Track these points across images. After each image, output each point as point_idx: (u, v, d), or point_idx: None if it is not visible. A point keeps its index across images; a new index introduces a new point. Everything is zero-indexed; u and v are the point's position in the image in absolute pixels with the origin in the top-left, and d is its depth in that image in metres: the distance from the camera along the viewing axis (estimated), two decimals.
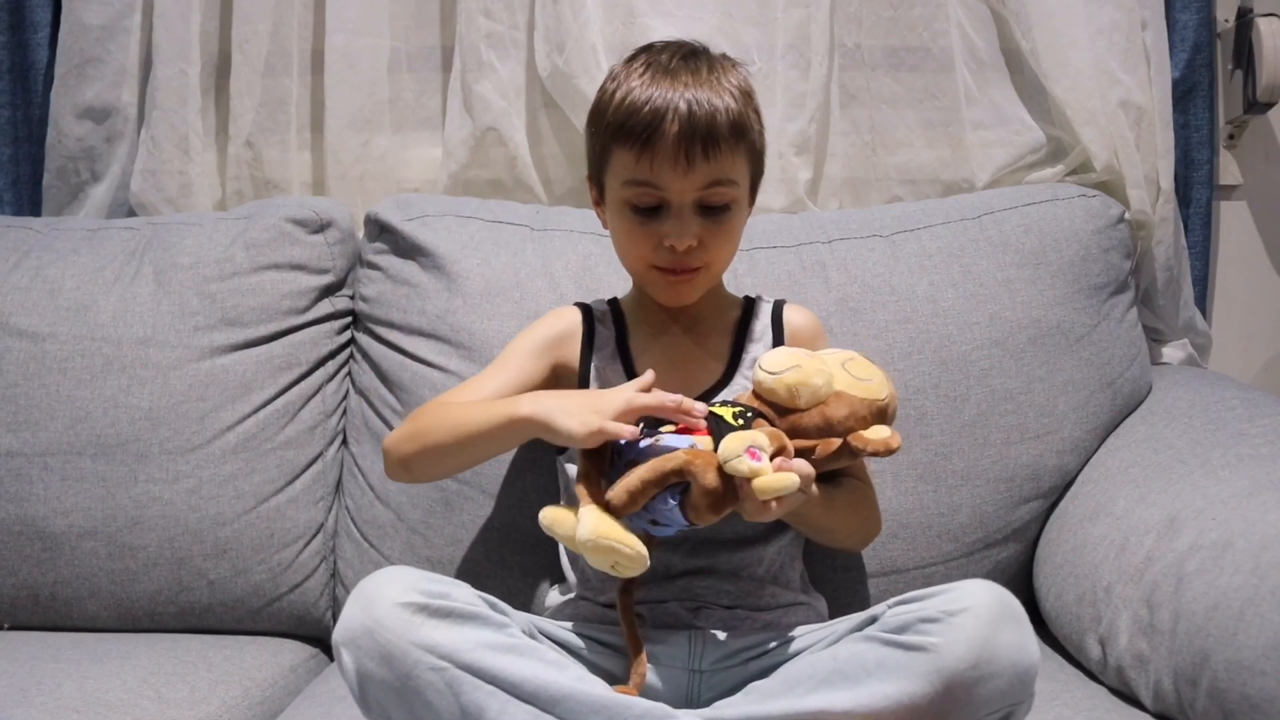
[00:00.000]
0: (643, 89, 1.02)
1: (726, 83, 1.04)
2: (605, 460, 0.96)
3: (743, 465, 0.88)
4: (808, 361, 0.97)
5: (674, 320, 1.13)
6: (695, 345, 1.12)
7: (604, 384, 1.10)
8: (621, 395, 0.96)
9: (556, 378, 1.11)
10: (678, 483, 0.91)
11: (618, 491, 0.91)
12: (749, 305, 1.16)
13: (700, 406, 0.95)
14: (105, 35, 1.52)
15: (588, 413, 0.94)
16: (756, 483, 0.88)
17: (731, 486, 0.89)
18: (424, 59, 1.56)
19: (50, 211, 1.58)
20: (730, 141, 1.01)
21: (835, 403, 0.95)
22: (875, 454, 0.94)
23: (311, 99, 1.54)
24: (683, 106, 1.00)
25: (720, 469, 0.89)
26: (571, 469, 1.09)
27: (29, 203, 1.61)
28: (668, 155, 1.00)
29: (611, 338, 1.13)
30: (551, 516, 0.94)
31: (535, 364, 1.11)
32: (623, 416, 0.94)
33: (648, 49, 1.08)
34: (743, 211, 1.08)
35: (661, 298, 1.09)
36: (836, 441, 0.94)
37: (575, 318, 1.14)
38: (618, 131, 1.03)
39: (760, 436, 0.91)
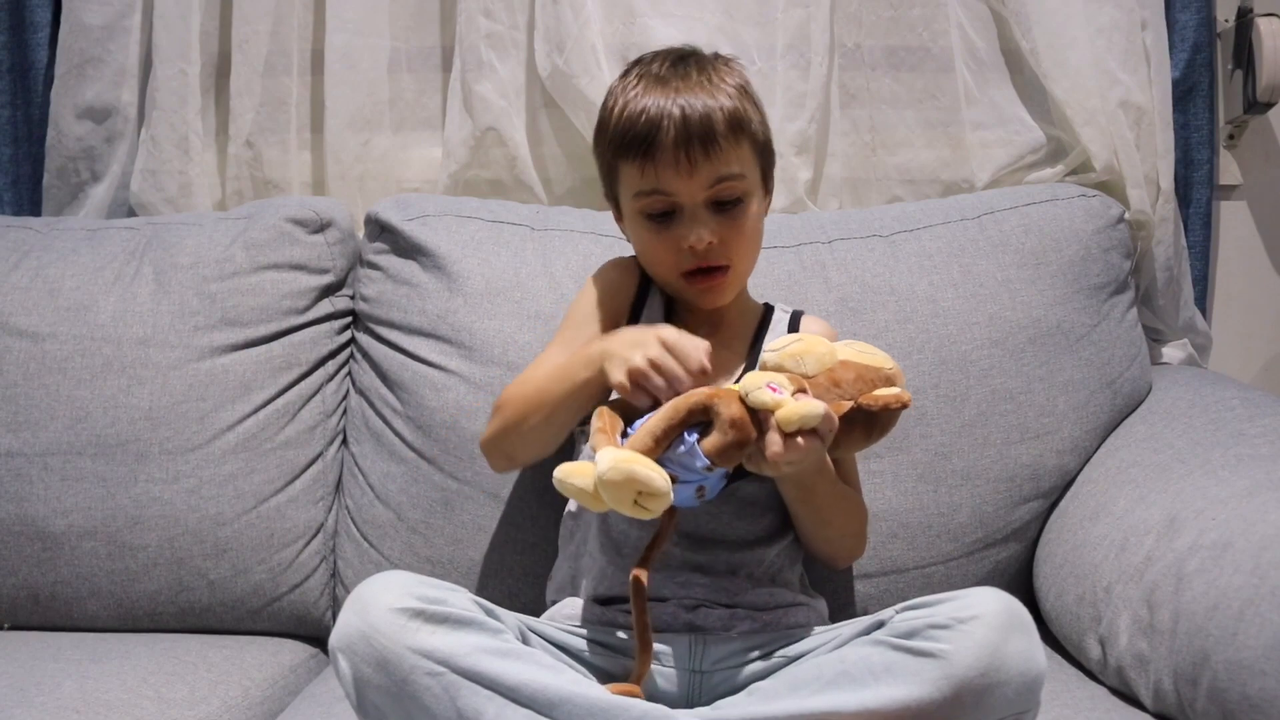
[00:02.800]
0: (636, 101, 1.04)
1: (719, 81, 1.05)
2: (619, 423, 0.94)
3: (765, 395, 0.87)
4: (808, 336, 0.97)
5: (697, 329, 1.13)
6: (719, 344, 1.12)
7: None
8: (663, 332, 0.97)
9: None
10: (699, 422, 0.90)
11: (639, 435, 0.89)
12: (767, 312, 1.18)
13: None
14: (105, 35, 1.52)
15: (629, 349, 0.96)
16: (780, 413, 0.87)
17: (755, 421, 0.89)
18: (424, 59, 1.56)
19: (50, 211, 1.58)
20: (729, 137, 1.03)
21: (841, 369, 0.95)
22: (887, 409, 0.93)
23: (311, 99, 1.54)
24: (676, 112, 1.02)
25: (743, 402, 0.89)
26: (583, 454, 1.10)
27: (29, 203, 1.61)
28: (668, 161, 1.02)
29: (661, 303, 1.14)
30: (566, 469, 0.90)
31: (594, 330, 1.12)
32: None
33: (639, 61, 1.10)
34: (757, 203, 1.09)
35: (697, 303, 1.10)
36: (848, 402, 0.93)
37: (632, 270, 1.15)
38: (619, 147, 1.05)
39: (779, 375, 0.91)
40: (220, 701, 1.10)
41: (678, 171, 1.02)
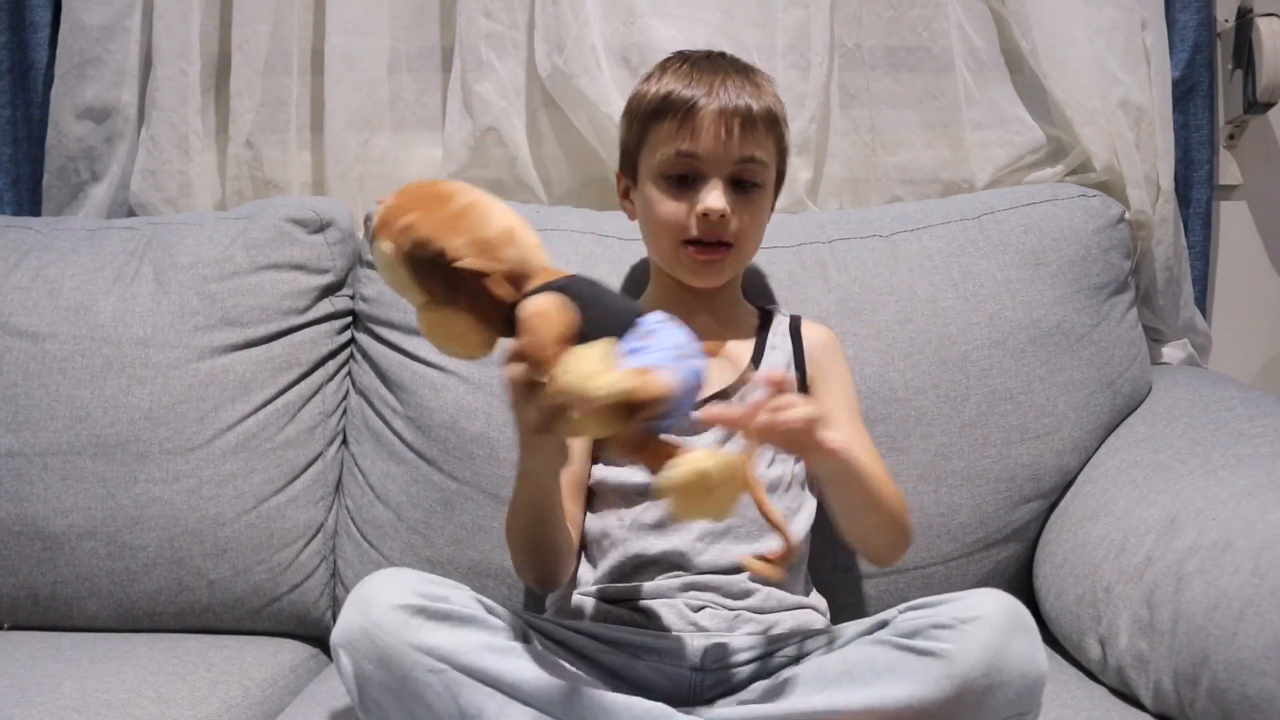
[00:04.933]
0: (684, 77, 1.10)
1: (761, 83, 1.12)
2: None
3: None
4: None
5: (692, 318, 1.13)
6: (725, 337, 1.15)
7: None
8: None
9: None
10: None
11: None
12: (765, 315, 1.20)
13: None
14: (105, 35, 1.52)
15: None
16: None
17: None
18: (424, 59, 1.56)
19: (50, 211, 1.58)
20: (765, 124, 1.09)
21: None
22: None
23: (311, 99, 1.54)
24: (723, 90, 1.08)
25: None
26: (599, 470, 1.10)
27: (29, 203, 1.61)
28: (709, 124, 1.07)
29: None
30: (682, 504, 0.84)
31: None
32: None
33: (681, 53, 1.15)
34: (769, 198, 1.13)
35: (690, 278, 1.12)
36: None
37: None
38: (660, 108, 1.09)
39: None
40: (220, 701, 1.09)
41: (715, 137, 1.07)
